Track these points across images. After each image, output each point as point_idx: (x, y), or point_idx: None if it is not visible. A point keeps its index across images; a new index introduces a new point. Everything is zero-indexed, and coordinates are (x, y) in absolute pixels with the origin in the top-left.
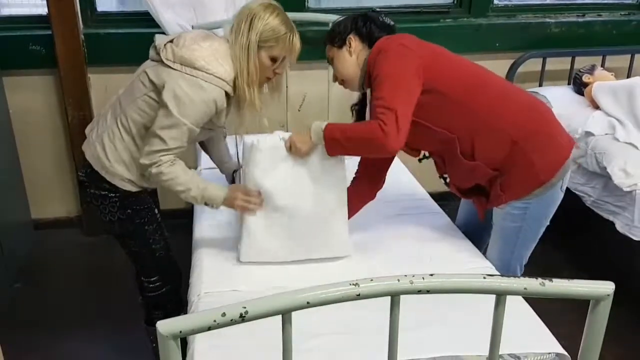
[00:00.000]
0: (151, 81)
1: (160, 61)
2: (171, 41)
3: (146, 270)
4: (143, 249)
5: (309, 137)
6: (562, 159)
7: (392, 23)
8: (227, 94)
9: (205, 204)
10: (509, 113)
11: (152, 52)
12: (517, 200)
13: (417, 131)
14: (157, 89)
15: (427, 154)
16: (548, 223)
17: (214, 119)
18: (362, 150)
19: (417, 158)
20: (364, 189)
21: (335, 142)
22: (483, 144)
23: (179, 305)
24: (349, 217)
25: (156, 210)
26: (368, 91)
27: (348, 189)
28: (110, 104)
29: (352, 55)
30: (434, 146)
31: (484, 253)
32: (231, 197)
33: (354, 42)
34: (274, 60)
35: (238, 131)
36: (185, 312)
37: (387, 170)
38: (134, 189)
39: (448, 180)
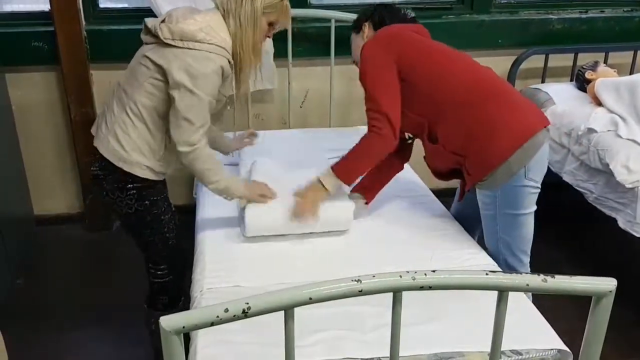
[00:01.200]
0: (154, 63)
1: (158, 42)
2: (163, 21)
3: (156, 259)
4: (157, 238)
5: (318, 195)
6: (514, 145)
7: (411, 15)
8: (229, 62)
9: (223, 194)
10: (469, 103)
11: (146, 37)
12: (481, 182)
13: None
14: (163, 70)
15: (411, 135)
16: (527, 212)
17: (220, 89)
18: (372, 161)
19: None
20: (393, 160)
21: (350, 175)
22: (444, 131)
23: (180, 290)
24: (381, 188)
25: (170, 201)
26: None
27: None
28: (113, 97)
29: (364, 41)
30: (411, 129)
31: (477, 241)
32: (250, 190)
33: (367, 29)
34: (270, 24)
35: (239, 96)
36: (188, 304)
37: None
38: (153, 176)
39: (426, 159)
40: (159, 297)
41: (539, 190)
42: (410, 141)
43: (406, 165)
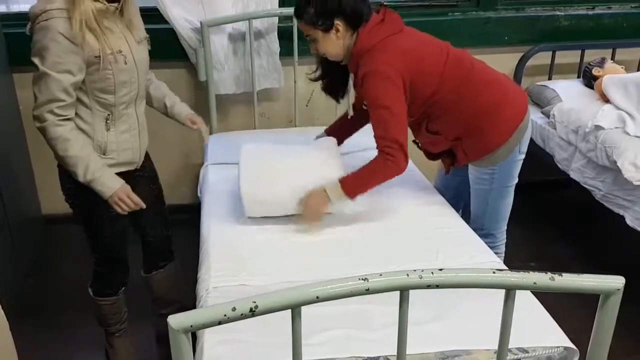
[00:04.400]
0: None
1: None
2: None
3: (91, 247)
4: (90, 232)
5: (327, 198)
6: (513, 125)
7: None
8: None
9: (89, 185)
10: (466, 96)
11: None
12: (480, 160)
13: None
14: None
15: None
16: (516, 181)
17: (79, 53)
18: (380, 183)
19: None
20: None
21: (356, 192)
22: (443, 124)
23: (118, 284)
24: (339, 143)
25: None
26: (351, 78)
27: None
28: None
29: (339, 40)
30: (410, 127)
31: (462, 214)
32: (119, 192)
33: (341, 27)
34: None
35: (104, 46)
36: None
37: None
38: None
39: (420, 144)
40: (94, 282)
41: None
42: None
43: (411, 164)
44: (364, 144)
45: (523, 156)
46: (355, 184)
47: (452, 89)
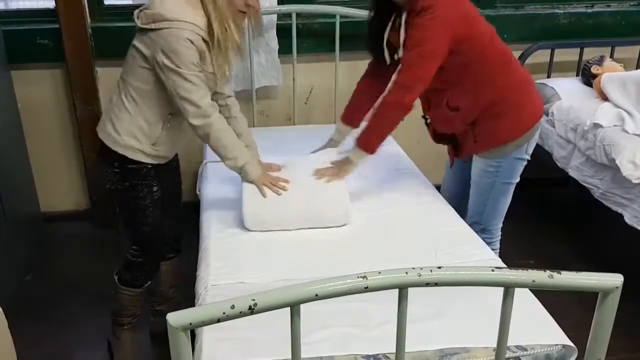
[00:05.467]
0: (138, 50)
1: (140, 29)
2: (144, 8)
3: (131, 238)
4: (131, 220)
5: (349, 165)
6: (529, 125)
7: None
8: (204, 40)
9: (239, 172)
10: (501, 86)
11: (136, 26)
12: (487, 151)
13: None
14: (144, 56)
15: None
16: (517, 181)
17: (202, 65)
18: (392, 129)
19: None
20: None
21: (376, 146)
22: (468, 102)
23: (147, 275)
24: (359, 121)
25: (155, 189)
26: (403, 25)
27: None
28: (115, 88)
29: None
30: (432, 94)
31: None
32: (262, 178)
33: None
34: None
35: (223, 71)
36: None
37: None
38: (146, 159)
39: (429, 121)
40: (124, 271)
41: None
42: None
43: (409, 162)
44: None
45: (528, 158)
46: (369, 138)
47: (489, 69)
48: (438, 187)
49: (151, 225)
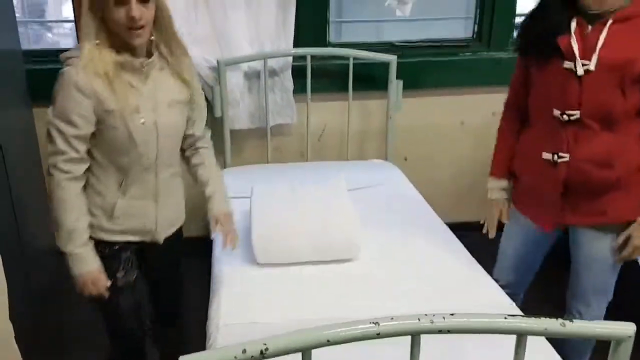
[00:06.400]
0: None
1: None
2: None
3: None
4: (99, 306)
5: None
6: None
7: None
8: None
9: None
10: None
11: None
12: (615, 224)
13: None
14: None
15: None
16: None
17: (98, 106)
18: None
19: None
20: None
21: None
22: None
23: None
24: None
25: (120, 275)
26: (604, 33)
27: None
28: None
29: None
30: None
31: (535, 278)
32: (87, 278)
33: None
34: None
35: (117, 101)
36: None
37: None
38: (108, 237)
39: (564, 160)
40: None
41: None
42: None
43: (420, 198)
44: (368, 180)
45: None
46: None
47: None
48: (448, 224)
49: (116, 316)
